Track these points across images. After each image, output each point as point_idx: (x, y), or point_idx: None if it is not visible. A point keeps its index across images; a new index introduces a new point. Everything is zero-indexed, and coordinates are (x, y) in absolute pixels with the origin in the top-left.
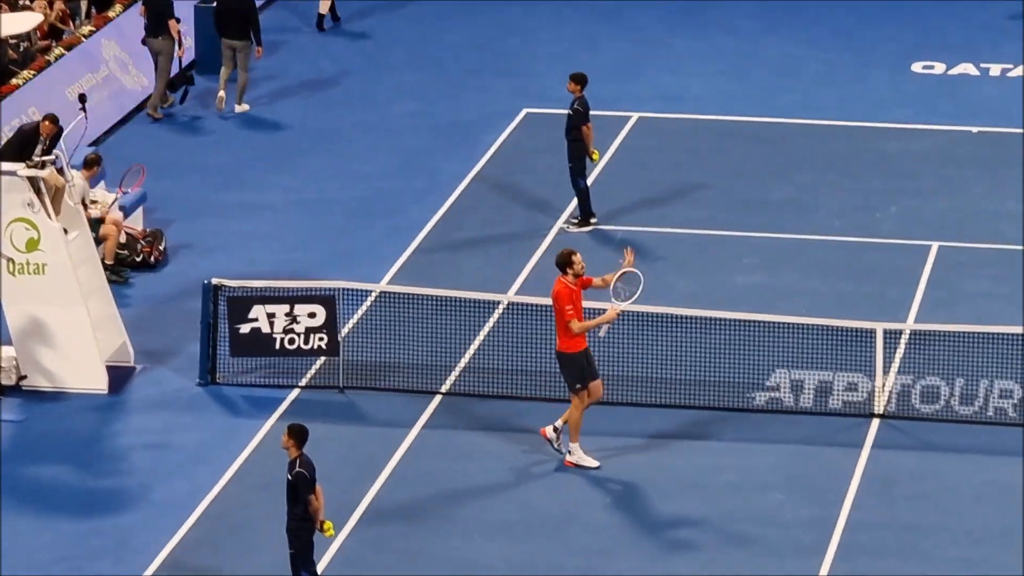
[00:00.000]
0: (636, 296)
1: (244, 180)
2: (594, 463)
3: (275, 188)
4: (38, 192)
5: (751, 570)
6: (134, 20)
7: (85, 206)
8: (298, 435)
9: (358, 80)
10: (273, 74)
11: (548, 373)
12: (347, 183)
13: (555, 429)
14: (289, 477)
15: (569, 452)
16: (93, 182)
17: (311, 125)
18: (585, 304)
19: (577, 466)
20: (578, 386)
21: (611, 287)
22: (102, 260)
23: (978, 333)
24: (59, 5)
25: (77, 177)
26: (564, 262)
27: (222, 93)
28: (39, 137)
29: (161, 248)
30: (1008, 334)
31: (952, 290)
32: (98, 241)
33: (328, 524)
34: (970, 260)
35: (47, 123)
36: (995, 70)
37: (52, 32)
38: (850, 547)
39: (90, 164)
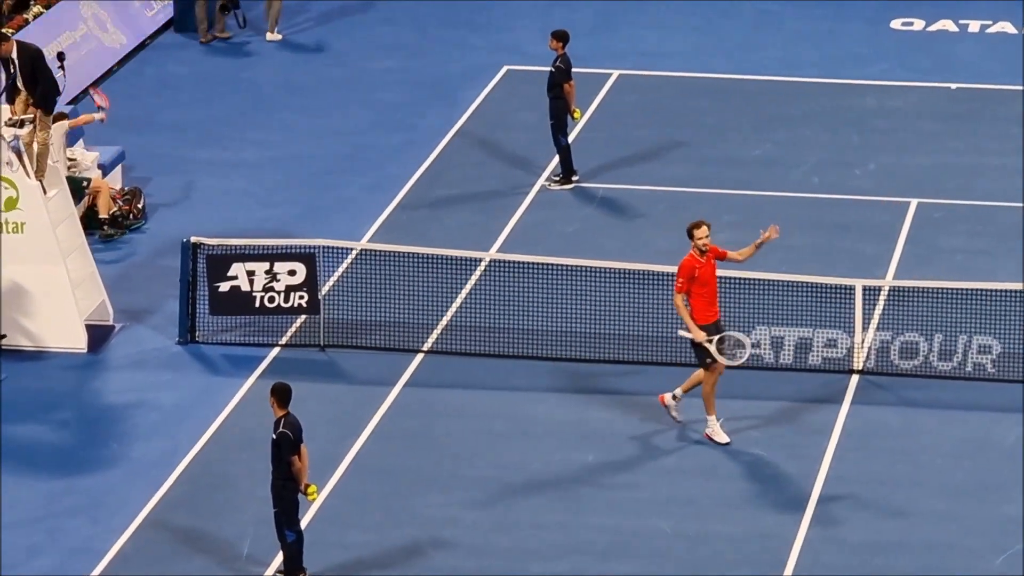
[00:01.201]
0: (737, 358)
1: (221, 137)
2: (725, 439)
3: (252, 145)
4: (17, 151)
5: (732, 524)
6: None
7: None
8: (281, 394)
9: (334, 36)
10: (248, 30)
11: (530, 331)
12: (324, 140)
13: (674, 397)
14: (273, 436)
15: (707, 425)
16: (71, 141)
17: (286, 81)
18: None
19: (710, 439)
20: (708, 360)
21: (715, 344)
22: (98, 215)
23: (957, 289)
24: None
25: (55, 128)
26: (688, 234)
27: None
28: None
29: (140, 206)
30: (986, 290)
31: (930, 246)
32: (88, 199)
33: (311, 488)
34: (948, 216)
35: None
36: (974, 26)
37: None
38: (829, 501)
39: (58, 118)
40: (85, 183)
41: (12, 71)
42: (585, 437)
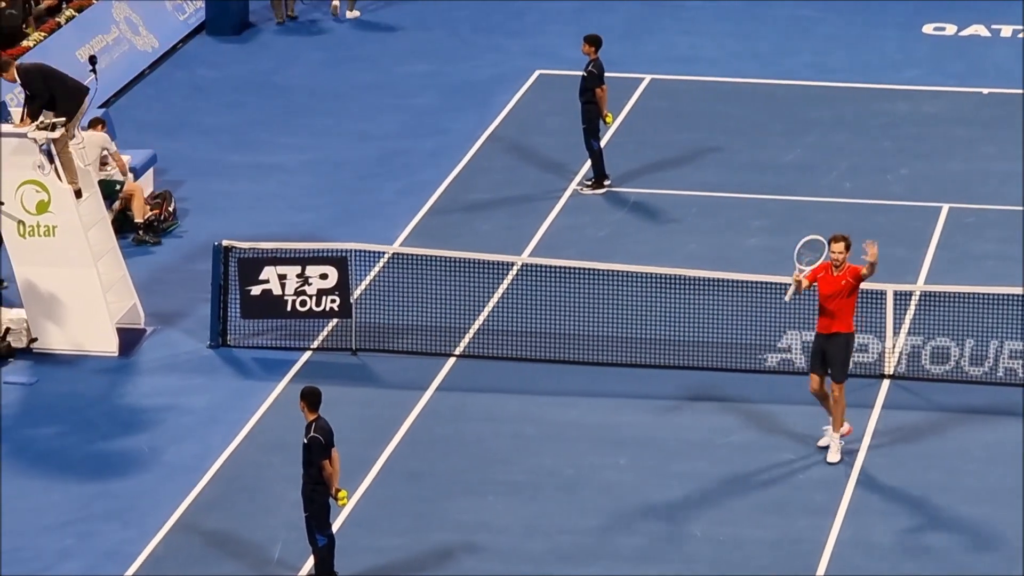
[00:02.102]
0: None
1: (253, 141)
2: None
3: (284, 149)
4: (49, 154)
5: (763, 528)
6: None
7: (105, 162)
8: (311, 398)
9: (367, 40)
10: (280, 34)
11: (562, 335)
12: (356, 143)
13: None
14: (304, 440)
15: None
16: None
17: (319, 86)
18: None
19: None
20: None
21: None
22: (133, 219)
23: (988, 294)
24: None
25: (89, 136)
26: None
27: (336, 2)
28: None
29: (170, 210)
30: (1018, 295)
31: (962, 251)
32: (120, 203)
33: (342, 492)
34: (980, 221)
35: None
36: (1006, 31)
37: None
38: (860, 506)
39: (94, 125)
40: (118, 186)
41: (28, 94)
42: (617, 442)
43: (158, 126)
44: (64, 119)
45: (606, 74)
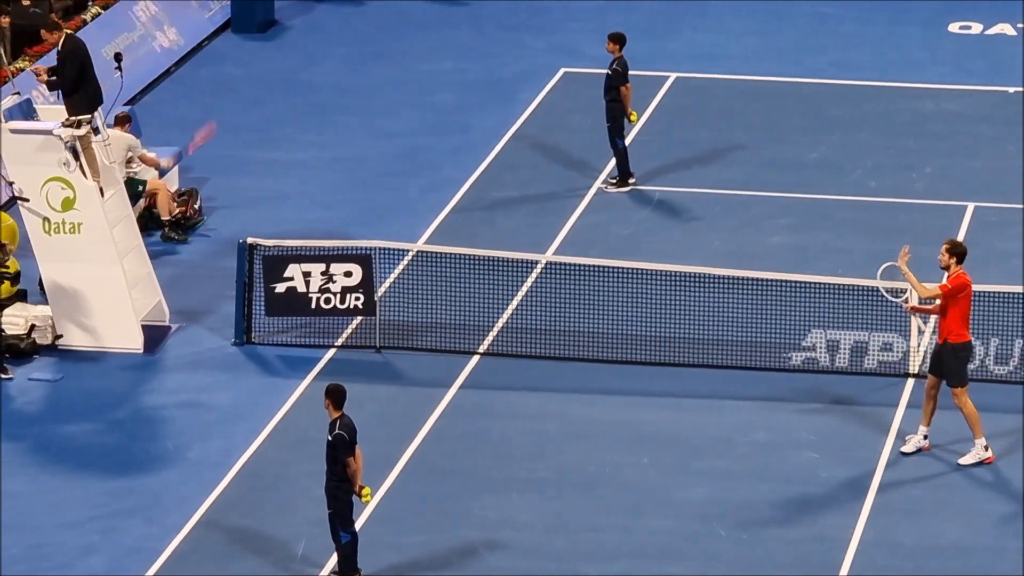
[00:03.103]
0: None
1: (277, 138)
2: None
3: (308, 146)
4: (74, 151)
5: (786, 526)
6: None
7: (131, 161)
8: (336, 395)
9: (391, 37)
10: (306, 31)
11: (585, 333)
12: (380, 141)
13: (985, 447)
14: (329, 437)
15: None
16: None
17: (343, 83)
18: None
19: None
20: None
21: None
22: (160, 217)
23: (1013, 293)
24: None
25: (115, 135)
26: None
27: None
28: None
29: (196, 207)
30: None
31: (987, 249)
32: (145, 200)
33: (366, 490)
34: (1004, 220)
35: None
36: None
37: None
38: (884, 506)
39: (120, 121)
40: (140, 187)
41: (58, 68)
42: (639, 439)
43: (184, 123)
44: (73, 116)
45: (630, 72)
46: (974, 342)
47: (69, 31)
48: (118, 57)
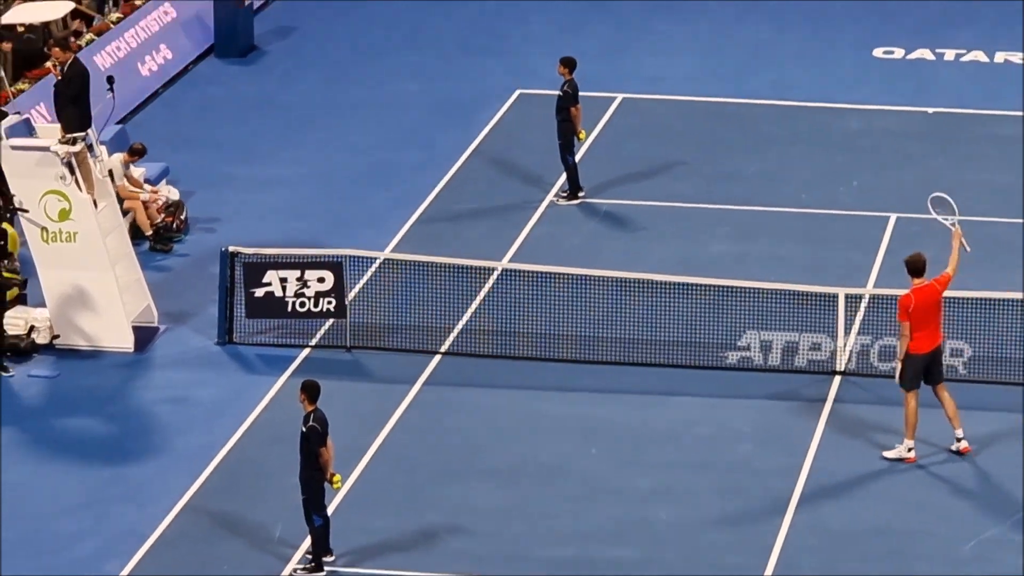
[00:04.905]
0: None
1: (257, 154)
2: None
3: (286, 162)
4: (70, 166)
5: (724, 512)
6: (157, 8)
7: (113, 180)
8: (311, 391)
9: (362, 61)
10: (283, 56)
11: (539, 334)
12: (351, 157)
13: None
14: (303, 429)
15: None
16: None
17: (317, 102)
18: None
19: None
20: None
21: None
22: (142, 232)
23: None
24: None
25: (106, 153)
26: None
27: None
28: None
29: (182, 218)
30: (959, 298)
31: None
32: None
33: (336, 477)
34: (925, 230)
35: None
36: (949, 55)
37: (79, 17)
38: (813, 491)
39: (133, 152)
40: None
41: (60, 85)
42: (590, 432)
43: (170, 141)
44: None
45: (581, 93)
46: (894, 342)
47: (76, 55)
48: (110, 80)
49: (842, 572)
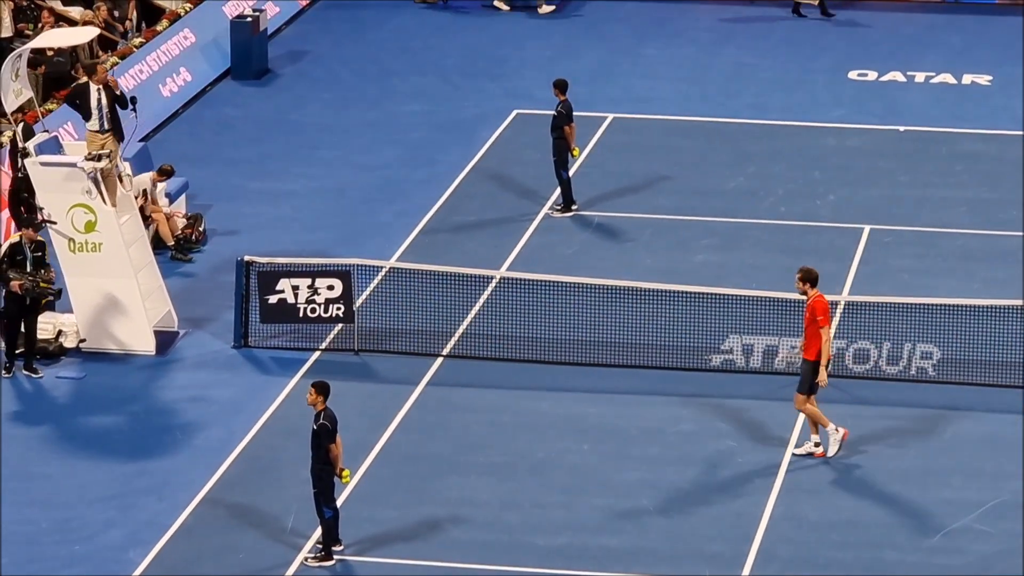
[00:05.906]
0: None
1: (271, 171)
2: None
3: (298, 177)
4: (95, 181)
5: (707, 504)
6: (177, 34)
7: (146, 197)
8: (322, 390)
9: (369, 83)
10: (295, 78)
11: (535, 338)
12: (359, 173)
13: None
14: (314, 427)
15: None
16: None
17: (327, 122)
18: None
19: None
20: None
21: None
22: (164, 243)
23: (903, 303)
24: (102, 14)
25: (129, 169)
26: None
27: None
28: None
29: (201, 230)
30: (928, 304)
31: (881, 266)
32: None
33: (346, 472)
34: (896, 241)
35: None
36: (919, 77)
37: (103, 42)
38: (792, 485)
39: (162, 172)
40: None
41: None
42: (582, 430)
43: (190, 158)
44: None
45: (574, 113)
46: (867, 345)
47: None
48: (133, 101)
49: (818, 560)
